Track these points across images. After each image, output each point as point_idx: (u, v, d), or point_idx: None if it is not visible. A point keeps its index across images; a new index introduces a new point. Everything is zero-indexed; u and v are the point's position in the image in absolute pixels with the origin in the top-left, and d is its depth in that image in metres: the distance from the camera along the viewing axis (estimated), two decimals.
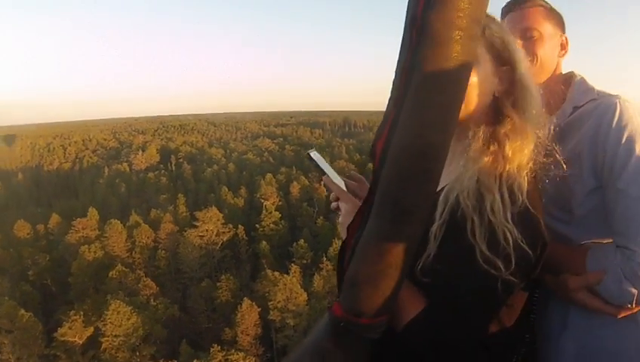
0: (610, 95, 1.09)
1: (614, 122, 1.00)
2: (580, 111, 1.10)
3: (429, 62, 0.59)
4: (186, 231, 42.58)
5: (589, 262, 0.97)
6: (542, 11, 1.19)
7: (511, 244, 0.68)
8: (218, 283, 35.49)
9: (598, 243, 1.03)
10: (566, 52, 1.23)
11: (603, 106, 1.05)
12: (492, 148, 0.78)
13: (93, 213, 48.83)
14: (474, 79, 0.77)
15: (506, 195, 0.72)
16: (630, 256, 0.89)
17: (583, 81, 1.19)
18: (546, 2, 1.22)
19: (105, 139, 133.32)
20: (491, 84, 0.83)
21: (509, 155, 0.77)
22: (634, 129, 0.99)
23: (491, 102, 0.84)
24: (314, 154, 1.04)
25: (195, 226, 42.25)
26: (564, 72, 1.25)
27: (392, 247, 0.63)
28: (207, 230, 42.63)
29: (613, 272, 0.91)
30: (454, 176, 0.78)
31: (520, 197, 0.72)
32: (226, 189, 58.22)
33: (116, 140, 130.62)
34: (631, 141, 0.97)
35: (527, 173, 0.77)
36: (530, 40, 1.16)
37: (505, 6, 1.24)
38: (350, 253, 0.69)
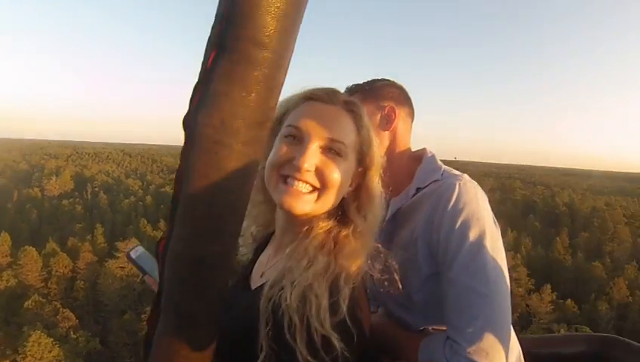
0: (453, 175, 1.08)
1: (450, 206, 0.98)
2: (422, 193, 1.09)
3: (196, 171, 0.57)
4: (106, 262, 42.85)
5: (420, 351, 0.96)
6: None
7: (331, 352, 0.67)
8: (142, 316, 35.53)
9: (436, 331, 1.03)
10: (394, 119, 1.19)
11: (441, 188, 1.04)
12: (329, 249, 0.78)
13: (5, 238, 46.73)
14: (335, 176, 0.80)
15: (331, 301, 0.70)
16: (457, 350, 0.86)
17: (431, 159, 1.17)
18: (364, 83, 1.26)
19: (14, 161, 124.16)
20: (347, 183, 0.85)
21: (344, 261, 0.76)
22: (470, 213, 0.97)
23: (341, 202, 0.86)
24: (135, 252, 0.98)
25: (116, 257, 42.53)
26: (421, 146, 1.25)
27: (178, 350, 0.62)
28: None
29: (439, 359, 0.89)
30: (280, 269, 0.76)
31: (344, 304, 0.70)
32: (145, 221, 58.98)
33: (26, 163, 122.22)
34: (465, 227, 0.95)
35: (356, 278, 0.76)
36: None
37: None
38: (147, 349, 0.67)
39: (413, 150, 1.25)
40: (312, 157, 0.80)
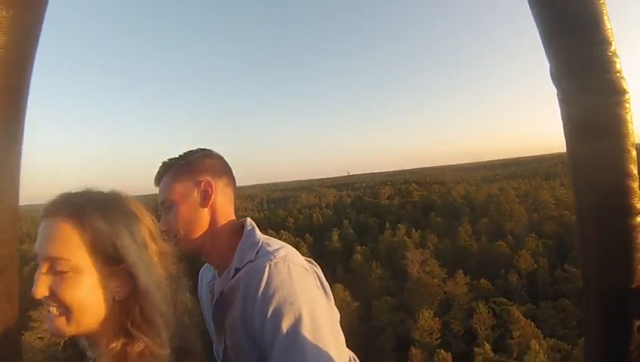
0: (267, 253, 1.20)
1: (259, 293, 1.09)
2: (238, 275, 1.21)
3: None
4: (23, 335, 40.01)
5: None
6: (170, 177, 1.34)
7: None
8: None
9: None
10: (212, 193, 1.33)
11: (252, 272, 1.16)
12: None
13: None
14: (69, 295, 0.87)
15: None
16: None
17: (250, 233, 1.30)
18: (179, 157, 1.38)
19: None
20: (107, 290, 0.91)
21: None
22: (282, 298, 1.07)
23: (117, 308, 0.92)
24: None
25: (33, 328, 42.10)
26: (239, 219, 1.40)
27: None
28: (45, 330, 42.00)
29: None
30: None
31: None
32: None
33: None
34: (278, 315, 1.05)
35: None
36: (167, 213, 1.31)
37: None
38: None
39: (236, 220, 1.40)
40: (42, 284, 0.88)
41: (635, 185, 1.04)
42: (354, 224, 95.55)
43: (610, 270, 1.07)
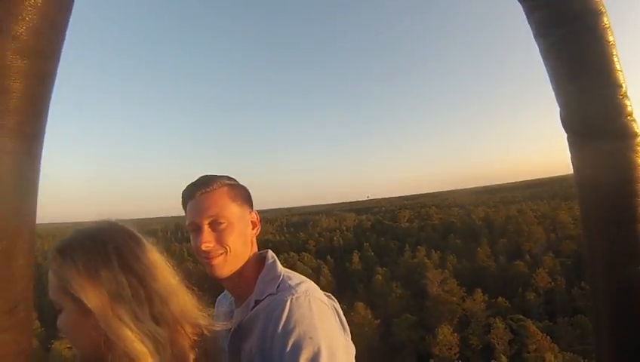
0: (288, 287, 1.21)
1: (280, 326, 1.11)
2: (258, 307, 1.23)
3: None
4: (52, 344, 44.46)
5: None
6: (227, 192, 1.31)
7: None
8: None
9: None
10: (258, 229, 1.38)
11: (273, 305, 1.17)
12: None
13: None
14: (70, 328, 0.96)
15: None
16: None
17: (272, 266, 1.32)
18: (230, 178, 1.38)
19: None
20: (86, 335, 0.97)
21: None
22: (302, 333, 1.09)
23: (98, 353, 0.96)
24: None
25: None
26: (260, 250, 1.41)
27: None
28: None
29: None
30: None
31: None
32: None
33: None
34: (297, 349, 1.07)
35: None
36: (218, 230, 1.26)
37: (186, 191, 1.33)
38: None
39: (258, 252, 1.41)
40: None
41: None
42: (374, 246, 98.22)
43: (624, 316, 1.08)
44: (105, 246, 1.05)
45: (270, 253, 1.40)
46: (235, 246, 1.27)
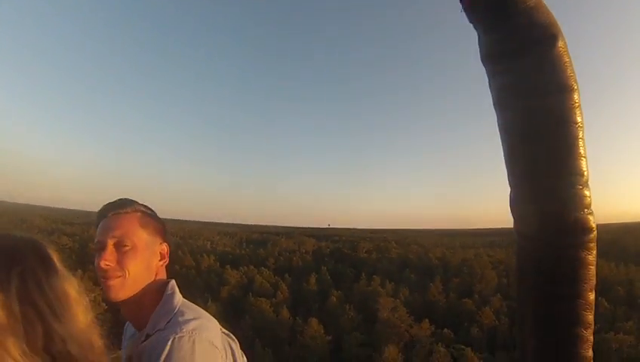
0: (175, 325, 1.19)
1: None
2: (146, 342, 1.20)
3: None
4: None
5: None
6: (139, 218, 1.34)
7: None
8: None
9: None
10: (166, 261, 1.39)
11: (156, 342, 1.16)
12: None
13: None
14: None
15: None
16: None
17: (168, 298, 1.31)
18: (146, 207, 1.39)
19: None
20: None
21: None
22: None
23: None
24: None
25: None
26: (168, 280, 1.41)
27: None
28: None
29: None
30: None
31: None
32: None
33: None
34: None
35: None
36: (121, 252, 1.27)
37: (100, 210, 1.35)
38: None
39: (161, 281, 1.40)
40: None
41: (588, 332, 0.95)
42: (331, 271, 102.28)
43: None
44: (8, 270, 0.97)
45: (171, 283, 1.40)
46: (135, 271, 1.28)
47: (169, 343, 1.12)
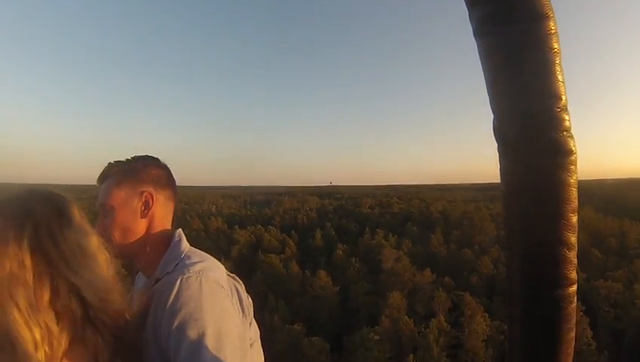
0: (183, 267, 1.27)
1: (168, 306, 1.16)
2: (157, 285, 1.28)
3: None
4: None
5: None
6: (113, 181, 1.41)
7: None
8: None
9: None
10: (152, 205, 1.44)
11: (165, 284, 1.23)
12: None
13: None
14: None
15: None
16: None
17: (176, 245, 1.40)
18: (124, 164, 1.45)
19: None
20: None
21: None
22: (188, 314, 1.14)
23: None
24: None
25: None
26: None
27: None
28: None
29: None
30: None
31: None
32: None
33: None
34: (182, 329, 1.12)
35: None
36: (104, 216, 1.38)
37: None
38: None
39: (171, 230, 1.49)
40: None
41: (572, 254, 1.01)
42: (336, 227, 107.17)
43: (536, 342, 1.04)
44: (22, 221, 1.02)
45: (178, 231, 1.48)
46: (119, 231, 1.38)
47: (177, 283, 1.20)
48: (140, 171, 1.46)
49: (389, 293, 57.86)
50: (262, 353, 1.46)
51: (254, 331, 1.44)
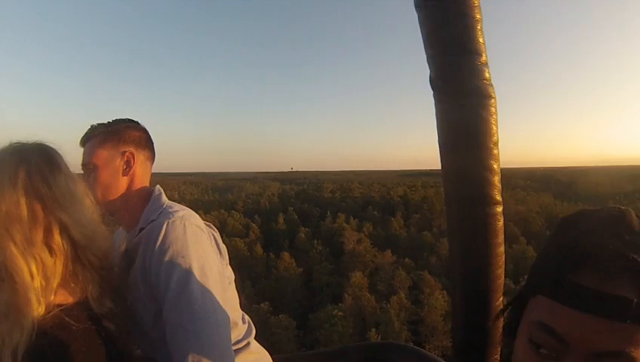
0: (167, 213, 1.37)
1: (157, 246, 1.26)
2: (142, 232, 1.37)
3: None
4: None
5: None
6: (96, 142, 1.48)
7: None
8: None
9: None
10: (134, 164, 1.52)
11: (152, 228, 1.32)
12: None
13: None
14: None
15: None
16: None
17: (157, 198, 1.50)
18: (107, 126, 1.53)
19: None
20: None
21: None
22: (175, 252, 1.25)
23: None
24: None
25: None
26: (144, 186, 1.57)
27: None
28: None
29: None
30: None
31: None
32: None
33: None
34: (170, 266, 1.23)
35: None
36: (88, 175, 1.46)
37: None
38: None
39: (147, 188, 1.57)
40: None
41: (496, 178, 1.27)
42: (298, 211, 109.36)
43: (470, 253, 1.28)
44: (16, 167, 1.11)
45: (157, 187, 1.57)
46: (102, 189, 1.46)
47: (164, 226, 1.30)
48: (122, 132, 1.54)
49: (351, 273, 60.05)
50: (237, 295, 1.61)
51: (230, 272, 1.57)
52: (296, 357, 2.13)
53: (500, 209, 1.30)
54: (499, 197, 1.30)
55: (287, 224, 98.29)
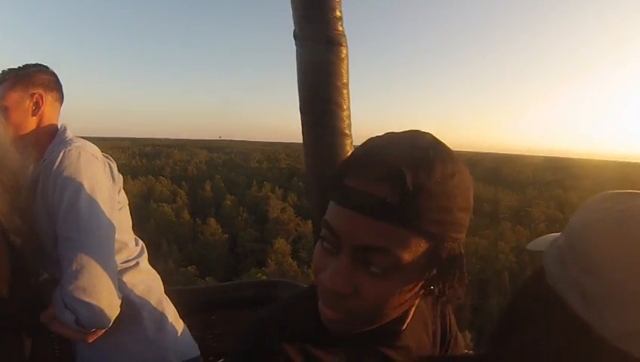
0: (67, 143, 1.47)
1: (53, 170, 1.36)
2: (44, 162, 1.44)
3: None
4: None
5: (52, 296, 1.34)
6: (7, 85, 1.56)
7: None
8: None
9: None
10: (42, 105, 1.59)
11: (51, 157, 1.41)
12: None
13: None
14: None
15: None
16: (63, 290, 1.27)
17: (62, 133, 1.58)
18: (17, 70, 1.61)
19: None
20: None
21: None
22: (68, 175, 1.36)
23: None
24: None
25: None
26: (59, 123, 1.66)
27: None
28: None
29: (57, 303, 1.30)
30: None
31: None
32: None
33: None
34: (63, 187, 1.34)
35: None
36: (3, 115, 1.49)
37: None
38: None
39: (54, 125, 1.64)
40: None
41: (344, 114, 1.49)
42: (225, 179, 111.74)
43: (323, 179, 1.44)
44: None
45: (62, 124, 1.65)
46: (14, 127, 1.53)
47: (61, 154, 1.39)
48: (32, 76, 1.61)
49: (275, 240, 64.49)
50: (130, 218, 1.72)
51: (123, 198, 1.68)
52: (194, 289, 2.21)
53: (348, 141, 1.50)
54: (347, 131, 1.51)
55: (213, 191, 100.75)
